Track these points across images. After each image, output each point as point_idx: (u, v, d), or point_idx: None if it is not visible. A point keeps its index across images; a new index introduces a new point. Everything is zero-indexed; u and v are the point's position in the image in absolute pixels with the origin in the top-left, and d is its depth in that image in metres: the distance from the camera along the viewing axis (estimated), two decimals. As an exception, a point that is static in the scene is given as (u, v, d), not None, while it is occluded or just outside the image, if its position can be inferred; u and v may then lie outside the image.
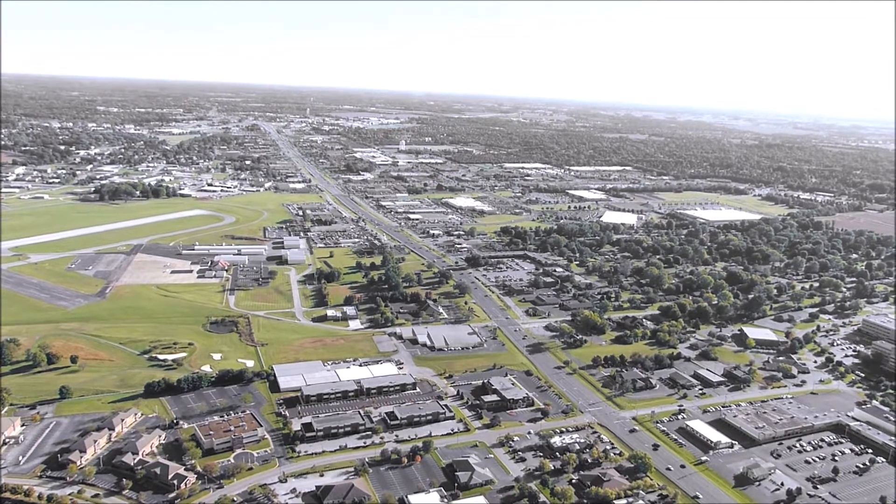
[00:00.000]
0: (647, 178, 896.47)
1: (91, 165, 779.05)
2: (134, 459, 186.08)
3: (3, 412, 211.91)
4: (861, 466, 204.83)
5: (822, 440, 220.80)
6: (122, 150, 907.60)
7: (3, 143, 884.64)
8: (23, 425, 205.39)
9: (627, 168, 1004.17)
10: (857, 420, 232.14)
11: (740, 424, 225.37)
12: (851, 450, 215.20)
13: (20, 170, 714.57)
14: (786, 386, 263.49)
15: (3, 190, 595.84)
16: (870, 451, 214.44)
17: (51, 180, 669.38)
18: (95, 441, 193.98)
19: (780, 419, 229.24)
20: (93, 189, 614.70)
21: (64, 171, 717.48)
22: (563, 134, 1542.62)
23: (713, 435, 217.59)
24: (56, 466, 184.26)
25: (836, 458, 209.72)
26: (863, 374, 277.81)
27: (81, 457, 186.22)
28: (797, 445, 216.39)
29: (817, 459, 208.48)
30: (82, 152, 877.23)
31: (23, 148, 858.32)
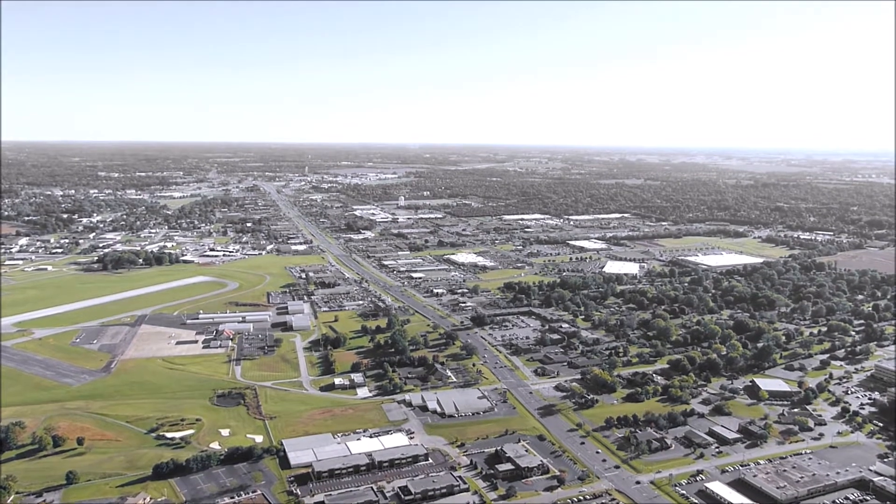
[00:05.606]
0: (647, 225, 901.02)
1: (94, 233, 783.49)
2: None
3: (8, 502, 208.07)
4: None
5: (847, 498, 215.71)
6: (124, 217, 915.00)
7: (5, 213, 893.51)
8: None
9: (626, 215, 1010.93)
10: (881, 475, 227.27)
11: (761, 485, 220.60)
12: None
13: (23, 241, 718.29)
14: (804, 440, 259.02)
15: (7, 262, 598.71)
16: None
17: (54, 250, 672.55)
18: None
19: (802, 477, 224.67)
20: (95, 258, 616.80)
21: (67, 241, 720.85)
22: (559, 182, 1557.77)
23: (734, 497, 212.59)
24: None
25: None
26: (881, 424, 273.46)
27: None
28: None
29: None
30: (85, 220, 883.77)
31: (25, 218, 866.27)
